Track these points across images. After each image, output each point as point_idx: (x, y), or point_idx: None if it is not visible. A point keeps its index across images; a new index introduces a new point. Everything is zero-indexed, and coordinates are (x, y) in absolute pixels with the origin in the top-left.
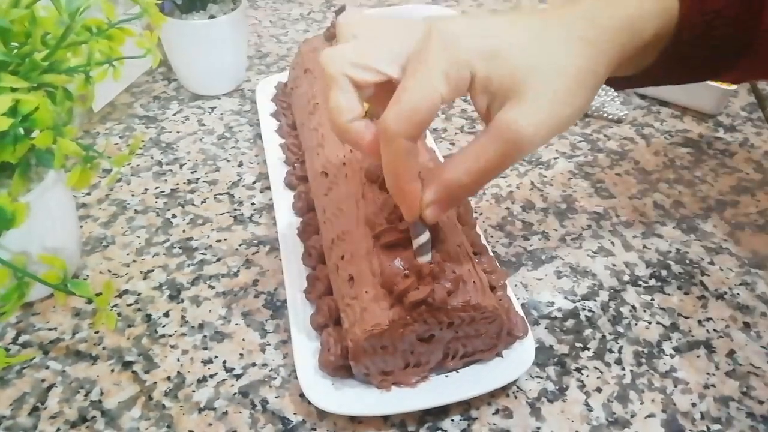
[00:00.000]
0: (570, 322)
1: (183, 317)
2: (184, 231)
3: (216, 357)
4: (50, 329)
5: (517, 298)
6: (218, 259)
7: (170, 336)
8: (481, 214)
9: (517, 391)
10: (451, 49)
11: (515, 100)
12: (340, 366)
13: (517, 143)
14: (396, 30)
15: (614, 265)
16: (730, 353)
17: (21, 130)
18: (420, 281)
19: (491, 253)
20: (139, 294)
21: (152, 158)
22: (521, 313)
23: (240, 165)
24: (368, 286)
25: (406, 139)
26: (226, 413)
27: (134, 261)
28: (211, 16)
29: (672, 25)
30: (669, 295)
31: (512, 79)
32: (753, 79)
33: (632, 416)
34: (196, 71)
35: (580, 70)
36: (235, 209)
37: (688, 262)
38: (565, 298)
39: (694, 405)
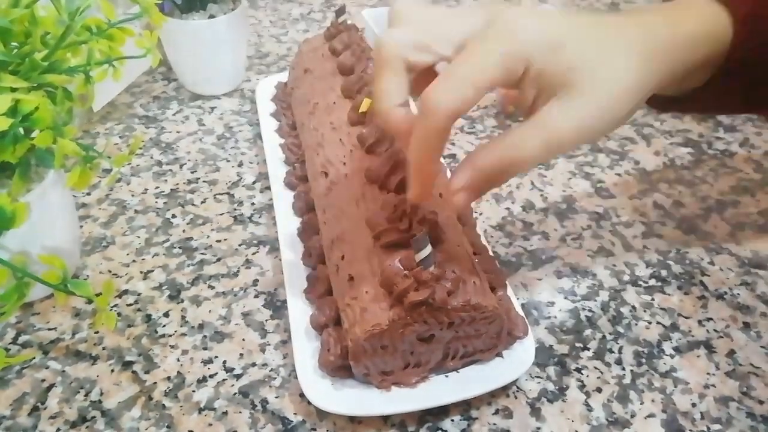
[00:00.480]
0: (570, 322)
1: (183, 317)
2: (184, 231)
3: (216, 357)
4: (50, 329)
5: (517, 298)
6: (218, 259)
7: (170, 336)
8: (481, 214)
9: (517, 391)
10: (513, 35)
11: (564, 98)
12: (340, 366)
13: (558, 140)
14: (453, 14)
15: (614, 265)
16: (730, 353)
17: (21, 130)
18: (420, 286)
19: (491, 254)
20: (139, 294)
21: (152, 158)
22: (521, 313)
23: (240, 165)
24: (368, 286)
25: (445, 116)
26: (226, 413)
27: (134, 261)
28: (211, 16)
29: (724, 50)
30: (669, 295)
31: (565, 77)
32: None
33: (632, 416)
34: (195, 71)
35: (632, 82)
36: (235, 209)
37: (688, 262)
38: (565, 298)
39: (694, 405)
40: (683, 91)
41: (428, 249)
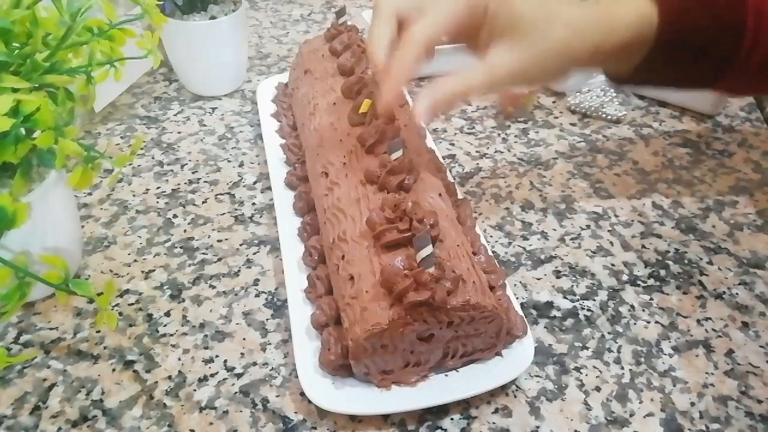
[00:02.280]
0: (569, 322)
1: (184, 317)
2: (185, 231)
3: (217, 356)
4: (51, 329)
5: (517, 298)
6: (219, 259)
7: (171, 335)
8: (480, 214)
9: (517, 390)
10: None
11: (507, 43)
12: (341, 365)
13: (498, 75)
14: None
15: (613, 265)
16: (729, 353)
17: (22, 131)
18: (420, 286)
19: (490, 253)
20: (140, 294)
21: (153, 158)
22: (520, 312)
23: (241, 165)
24: (368, 286)
25: (420, 39)
26: (226, 412)
27: (135, 261)
28: (212, 17)
29: (652, 34)
30: (668, 294)
31: (513, 24)
32: (750, 92)
33: (631, 415)
34: (196, 72)
35: (562, 46)
36: (236, 209)
37: (686, 261)
38: (564, 297)
39: (692, 404)
40: (630, 66)
41: (429, 248)
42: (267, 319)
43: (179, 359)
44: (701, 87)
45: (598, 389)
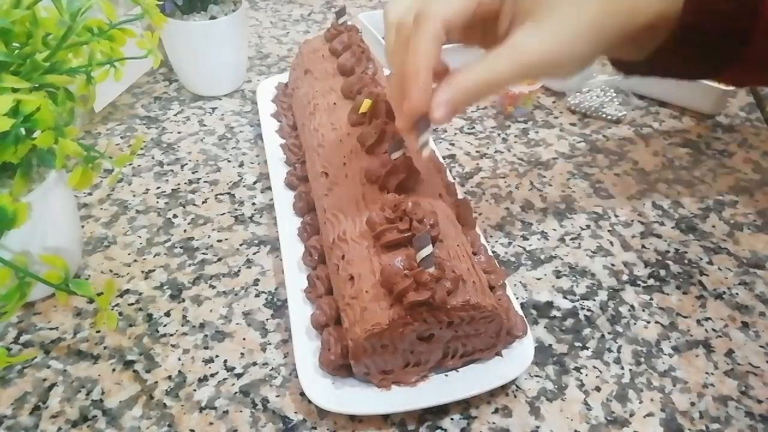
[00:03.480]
0: (569, 322)
1: (184, 317)
2: (185, 231)
3: (217, 356)
4: (51, 329)
5: (517, 298)
6: (219, 259)
7: (171, 335)
8: (480, 214)
9: (517, 390)
10: None
11: (532, 25)
12: (341, 365)
13: (527, 61)
14: None
15: (613, 265)
16: (729, 353)
17: (22, 131)
18: (420, 286)
19: (490, 253)
20: (140, 294)
21: (153, 158)
22: (520, 312)
23: (241, 165)
24: (368, 286)
25: (437, 20)
26: (226, 412)
27: (135, 261)
28: (212, 17)
29: (675, 15)
30: (668, 294)
31: (536, 5)
32: (751, 83)
33: (631, 415)
34: (196, 72)
35: (591, 23)
36: (236, 209)
37: (686, 261)
38: (564, 297)
39: (692, 404)
40: (643, 54)
41: (429, 248)
42: (267, 319)
43: (179, 359)
44: (707, 77)
45: (598, 389)
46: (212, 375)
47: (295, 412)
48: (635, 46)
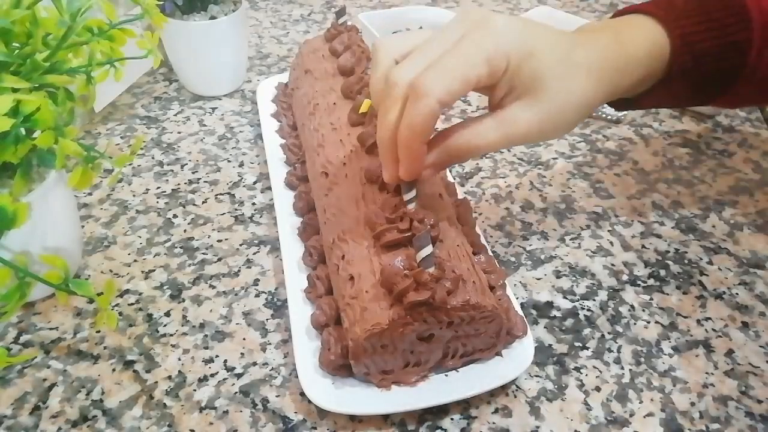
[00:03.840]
0: (569, 322)
1: (184, 317)
2: (185, 231)
3: (217, 356)
4: (51, 329)
5: (517, 298)
6: (219, 259)
7: (171, 335)
8: (480, 214)
9: (517, 390)
10: (498, 36)
11: (526, 101)
12: (341, 365)
13: (515, 135)
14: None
15: (613, 265)
16: (729, 353)
17: (22, 131)
18: (420, 286)
19: (490, 253)
20: (140, 294)
21: (153, 158)
22: (520, 312)
23: (241, 165)
24: (368, 286)
25: (436, 102)
26: (226, 412)
27: (135, 261)
28: (212, 17)
29: (664, 63)
30: (668, 294)
31: (535, 81)
32: (748, 105)
33: (631, 415)
34: (196, 72)
35: (584, 98)
36: (236, 209)
37: (686, 261)
38: (564, 297)
39: (692, 404)
40: (633, 94)
41: (429, 248)
42: (267, 319)
43: (179, 359)
44: (700, 104)
45: (598, 389)
46: (212, 375)
47: (295, 412)
48: (623, 95)
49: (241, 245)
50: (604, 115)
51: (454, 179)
